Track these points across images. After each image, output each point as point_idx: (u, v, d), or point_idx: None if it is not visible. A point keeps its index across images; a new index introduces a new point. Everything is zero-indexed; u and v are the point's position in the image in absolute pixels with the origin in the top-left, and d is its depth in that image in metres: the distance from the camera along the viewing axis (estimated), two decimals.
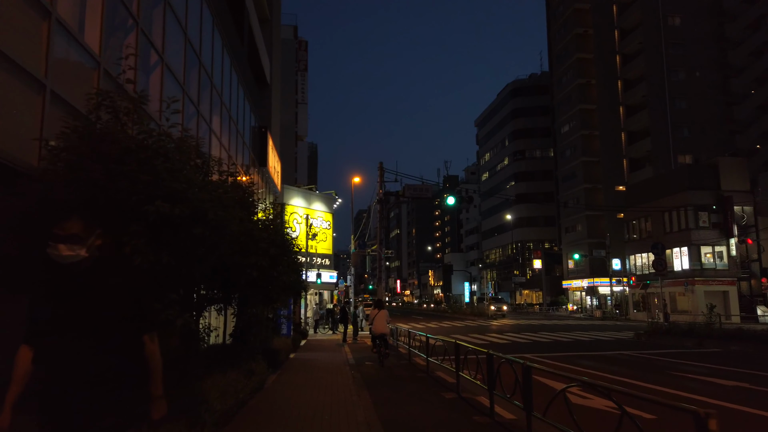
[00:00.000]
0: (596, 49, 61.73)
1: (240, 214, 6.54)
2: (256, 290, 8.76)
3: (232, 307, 9.55)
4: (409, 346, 14.78)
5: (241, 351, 8.97)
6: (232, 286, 7.92)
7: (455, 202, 22.08)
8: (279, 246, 8.33)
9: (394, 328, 18.93)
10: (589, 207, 59.29)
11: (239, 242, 6.56)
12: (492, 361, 7.38)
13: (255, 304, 9.91)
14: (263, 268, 7.24)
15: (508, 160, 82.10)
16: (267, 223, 8.32)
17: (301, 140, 49.69)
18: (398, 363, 14.60)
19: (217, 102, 13.89)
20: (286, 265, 9.33)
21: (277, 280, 9.29)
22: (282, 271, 8.87)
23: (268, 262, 7.02)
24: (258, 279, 7.47)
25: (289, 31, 48.48)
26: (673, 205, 40.99)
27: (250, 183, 7.70)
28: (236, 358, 8.66)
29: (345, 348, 19.77)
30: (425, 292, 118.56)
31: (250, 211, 7.24)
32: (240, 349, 9.00)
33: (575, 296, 62.07)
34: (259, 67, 22.96)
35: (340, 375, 11.71)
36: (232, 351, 8.83)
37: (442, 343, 11.35)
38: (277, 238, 8.37)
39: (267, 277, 8.33)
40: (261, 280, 8.24)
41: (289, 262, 9.70)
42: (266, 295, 9.53)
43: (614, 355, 16.96)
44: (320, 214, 33.16)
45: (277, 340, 13.71)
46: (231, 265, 6.57)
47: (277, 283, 9.44)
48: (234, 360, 8.54)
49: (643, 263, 45.50)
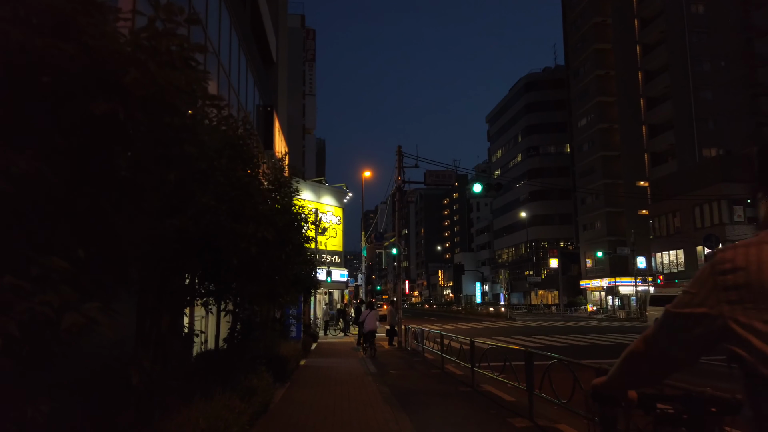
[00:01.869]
0: (615, 39, 59.22)
1: (229, 153, 4.30)
2: (257, 279, 6.52)
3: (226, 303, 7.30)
4: (442, 353, 12.45)
5: (237, 361, 6.69)
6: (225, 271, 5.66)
7: (482, 190, 19.72)
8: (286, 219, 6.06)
9: (419, 331, 16.57)
10: (610, 203, 56.81)
11: (228, 198, 4.32)
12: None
13: (258, 299, 7.65)
14: (266, 244, 4.98)
15: (521, 156, 79.48)
16: (272, 185, 6.00)
17: (309, 133, 47.51)
18: (428, 372, 12.30)
19: (212, 60, 11.66)
20: (297, 250, 7.07)
21: (285, 268, 7.04)
22: (291, 254, 6.62)
23: (273, 236, 4.77)
24: (258, 259, 5.22)
25: (296, 20, 46.31)
26: (705, 199, 38.42)
27: (247, 124, 5.42)
28: (230, 371, 6.39)
29: (361, 352, 17.47)
30: (434, 293, 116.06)
31: (245, 162, 4.98)
32: (236, 359, 6.73)
33: (594, 296, 59.50)
34: (263, 40, 20.71)
35: (364, 389, 9.41)
36: (226, 361, 6.55)
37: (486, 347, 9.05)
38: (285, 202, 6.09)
39: (272, 261, 6.07)
40: (265, 264, 5.99)
41: (299, 247, 7.43)
42: (272, 288, 7.28)
43: None
44: (330, 209, 30.87)
45: (286, 345, 11.43)
46: (219, 234, 4.32)
47: (286, 272, 7.19)
48: (227, 374, 6.27)
49: (670, 261, 42.95)
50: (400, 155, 20.32)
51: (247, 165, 4.84)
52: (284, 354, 10.46)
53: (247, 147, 5.18)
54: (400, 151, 20.32)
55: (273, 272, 6.72)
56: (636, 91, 57.35)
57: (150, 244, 3.38)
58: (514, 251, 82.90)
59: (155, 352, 4.80)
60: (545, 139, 76.44)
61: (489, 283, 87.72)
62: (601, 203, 58.31)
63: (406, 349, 18.11)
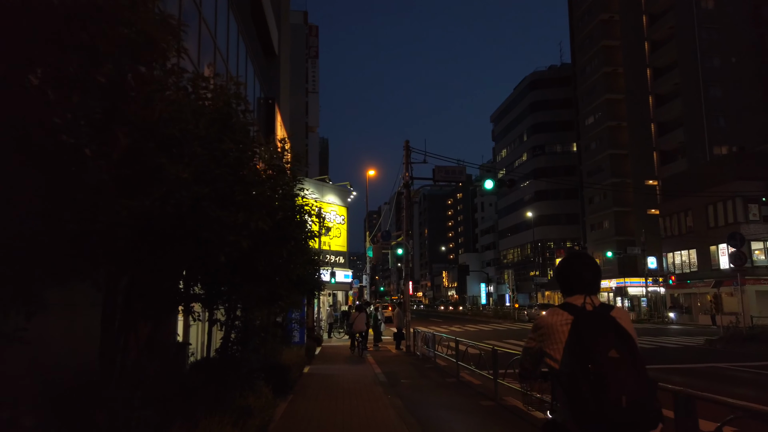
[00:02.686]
0: (623, 36, 58.18)
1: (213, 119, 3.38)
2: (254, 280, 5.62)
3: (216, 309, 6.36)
4: (457, 360, 11.48)
5: (231, 376, 5.77)
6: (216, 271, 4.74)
7: (493, 186, 18.77)
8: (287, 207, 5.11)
9: (430, 335, 15.58)
10: (618, 202, 55.76)
11: (212, 178, 3.38)
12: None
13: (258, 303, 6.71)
14: (262, 238, 4.05)
15: (527, 155, 78.37)
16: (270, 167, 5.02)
17: (312, 131, 46.62)
18: (443, 381, 11.34)
19: (208, 44, 10.76)
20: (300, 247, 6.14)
21: (287, 267, 6.12)
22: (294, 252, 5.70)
23: (269, 227, 3.82)
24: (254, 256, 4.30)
25: (298, 17, 45.42)
26: (718, 197, 37.32)
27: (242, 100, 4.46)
28: (221, 387, 5.47)
29: (368, 358, 16.52)
30: (438, 294, 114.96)
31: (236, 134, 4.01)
32: (230, 373, 5.79)
33: (602, 297, 58.47)
34: (264, 30, 19.77)
35: (375, 402, 8.47)
36: (217, 375, 5.62)
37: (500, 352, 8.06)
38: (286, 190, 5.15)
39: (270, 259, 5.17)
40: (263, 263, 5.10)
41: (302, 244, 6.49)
42: (273, 291, 6.36)
43: (705, 368, 13.62)
44: (334, 208, 29.89)
45: (288, 352, 10.50)
46: (203, 223, 3.39)
47: (287, 273, 6.27)
48: (218, 390, 5.35)
49: (683, 261, 41.88)
50: (407, 150, 19.38)
51: (237, 138, 3.89)
52: (286, 362, 9.54)
53: (238, 117, 4.22)
54: (408, 146, 19.38)
55: (273, 272, 5.80)
56: (644, 88, 56.27)
57: (99, 231, 2.45)
58: (520, 252, 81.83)
59: (124, 371, 3.87)
60: (551, 137, 75.37)
61: (494, 284, 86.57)
62: (609, 202, 57.25)
63: (415, 354, 17.15)
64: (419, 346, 16.88)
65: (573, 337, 2.25)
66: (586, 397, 2.12)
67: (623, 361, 2.16)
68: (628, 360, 2.17)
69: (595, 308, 2.38)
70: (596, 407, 2.09)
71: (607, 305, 2.44)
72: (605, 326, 2.26)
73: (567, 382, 2.20)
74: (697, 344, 20.10)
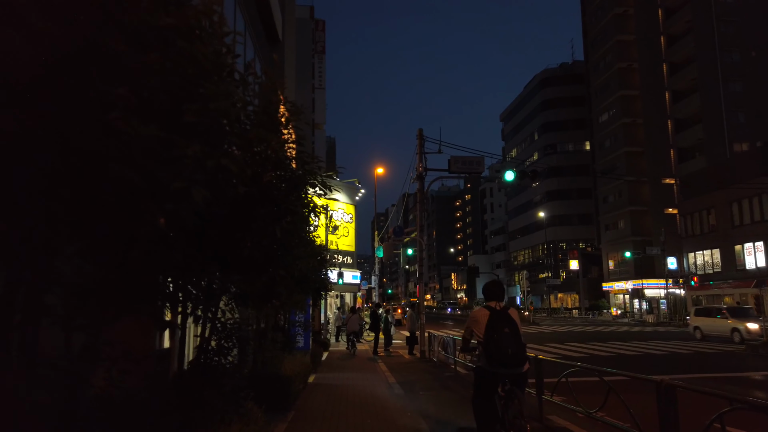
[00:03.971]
0: (638, 30, 56.53)
1: None
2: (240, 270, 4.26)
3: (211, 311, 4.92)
4: None
5: (205, 394, 4.34)
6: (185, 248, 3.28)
7: (514, 178, 17.30)
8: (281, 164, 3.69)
9: (449, 339, 14.01)
10: (634, 201, 54.08)
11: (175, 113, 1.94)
12: None
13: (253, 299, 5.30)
14: (237, 198, 2.62)
15: (538, 154, 76.62)
16: (266, 111, 3.56)
17: (318, 128, 45.18)
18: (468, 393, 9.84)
19: None
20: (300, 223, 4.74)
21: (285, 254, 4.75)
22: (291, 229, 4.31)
23: (238, 168, 2.33)
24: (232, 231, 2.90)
25: (305, 12, 44.09)
26: (743, 194, 35.59)
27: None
28: (195, 410, 4.05)
29: (380, 364, 15.04)
30: (447, 296, 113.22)
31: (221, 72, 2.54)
32: (205, 391, 4.35)
33: (617, 299, 56.66)
34: (266, 11, 18.39)
35: (394, 423, 7.01)
36: (187, 396, 4.16)
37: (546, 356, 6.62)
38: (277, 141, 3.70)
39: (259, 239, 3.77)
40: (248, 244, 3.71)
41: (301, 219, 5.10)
42: (269, 287, 4.94)
43: (762, 379, 12.10)
44: (341, 206, 28.48)
45: (290, 360, 9.03)
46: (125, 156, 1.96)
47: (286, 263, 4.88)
48: (188, 417, 3.93)
49: (705, 261, 40.13)
50: (420, 139, 17.93)
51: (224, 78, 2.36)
52: (288, 373, 8.09)
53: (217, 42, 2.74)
54: (421, 135, 17.93)
55: (265, 261, 4.38)
56: (661, 84, 54.62)
57: None
58: (531, 253, 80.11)
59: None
60: (563, 136, 73.71)
61: (504, 286, 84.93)
62: (625, 201, 55.56)
63: (431, 360, 15.66)
64: (436, 351, 15.39)
65: (489, 322, 5.11)
66: (493, 350, 4.98)
67: (511, 334, 5.03)
68: (513, 333, 5.03)
69: (501, 308, 5.26)
70: (497, 355, 4.96)
71: (506, 306, 5.31)
72: (504, 317, 5.15)
73: (485, 344, 5.06)
74: (736, 350, 18.51)
